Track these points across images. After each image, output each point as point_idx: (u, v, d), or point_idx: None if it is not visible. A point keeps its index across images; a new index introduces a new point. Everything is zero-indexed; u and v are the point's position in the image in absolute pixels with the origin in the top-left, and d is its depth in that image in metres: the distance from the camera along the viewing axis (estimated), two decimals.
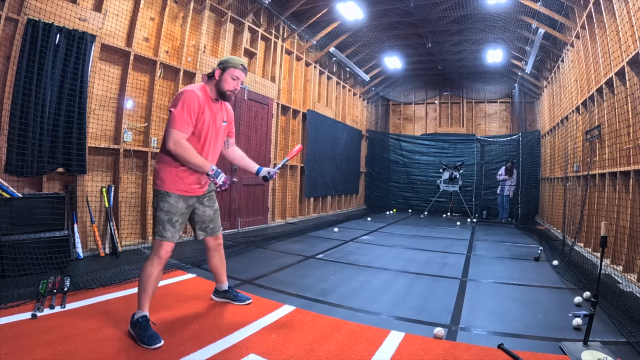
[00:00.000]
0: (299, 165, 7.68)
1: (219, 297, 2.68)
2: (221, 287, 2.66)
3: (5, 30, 3.22)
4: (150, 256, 2.12)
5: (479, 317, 2.57)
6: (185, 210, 2.23)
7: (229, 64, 2.22)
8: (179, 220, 2.18)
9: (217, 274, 2.63)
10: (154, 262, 2.09)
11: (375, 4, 6.58)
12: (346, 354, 1.95)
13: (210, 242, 2.51)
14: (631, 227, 3.45)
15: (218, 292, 2.68)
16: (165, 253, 2.12)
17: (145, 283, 2.07)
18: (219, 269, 2.61)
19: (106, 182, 4.13)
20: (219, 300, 2.66)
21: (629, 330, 2.27)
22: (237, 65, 2.22)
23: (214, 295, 2.69)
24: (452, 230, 7.10)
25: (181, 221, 2.20)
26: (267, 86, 6.47)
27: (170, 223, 2.14)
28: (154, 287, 2.10)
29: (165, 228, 2.13)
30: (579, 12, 5.21)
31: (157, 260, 2.10)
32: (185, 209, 2.22)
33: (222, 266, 2.62)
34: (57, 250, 3.18)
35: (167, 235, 2.12)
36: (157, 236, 2.13)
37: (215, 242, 2.52)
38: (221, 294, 2.67)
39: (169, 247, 2.14)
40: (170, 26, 4.77)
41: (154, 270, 2.08)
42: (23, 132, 3.24)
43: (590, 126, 4.93)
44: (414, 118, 11.75)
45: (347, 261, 4.16)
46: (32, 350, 1.79)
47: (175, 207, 2.16)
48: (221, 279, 2.64)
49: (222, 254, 2.61)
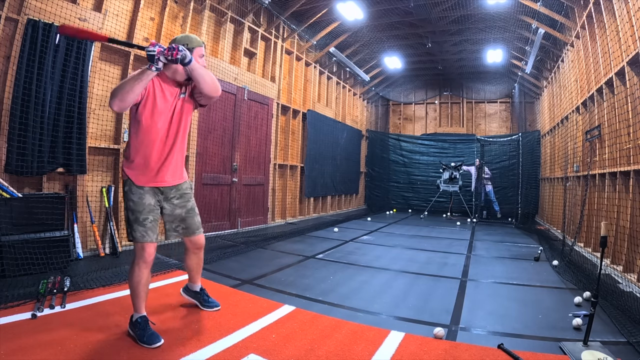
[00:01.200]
0: (299, 165, 7.68)
1: (188, 295, 2.54)
2: (193, 286, 2.53)
3: (5, 30, 3.22)
4: (135, 260, 2.04)
5: (479, 317, 2.57)
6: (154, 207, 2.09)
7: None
8: (148, 218, 2.05)
9: (191, 275, 2.49)
10: (141, 266, 2.03)
11: (375, 4, 6.57)
12: (346, 354, 1.95)
13: (187, 244, 2.33)
14: (631, 227, 3.45)
15: (189, 291, 2.54)
16: (148, 255, 2.04)
17: (136, 288, 2.03)
18: (194, 271, 2.46)
19: (106, 182, 4.13)
20: (187, 299, 2.53)
21: (629, 330, 2.27)
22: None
23: (183, 291, 2.56)
24: (452, 230, 7.10)
25: (151, 219, 2.06)
26: (267, 86, 6.47)
27: (137, 222, 2.03)
28: (146, 289, 2.07)
29: (134, 229, 2.03)
30: (579, 12, 5.20)
31: (142, 264, 2.03)
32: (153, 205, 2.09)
33: (197, 268, 2.46)
34: (57, 250, 3.18)
35: (137, 237, 2.03)
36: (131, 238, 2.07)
37: (192, 245, 2.33)
38: (191, 293, 2.53)
39: (150, 247, 2.05)
40: (170, 26, 4.77)
41: (142, 274, 2.03)
42: (23, 132, 3.24)
43: (590, 126, 4.93)
44: (414, 118, 11.75)
45: (347, 261, 4.16)
46: (32, 350, 1.79)
47: (140, 205, 2.04)
48: (195, 279, 2.50)
49: (200, 257, 2.44)
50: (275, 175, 6.88)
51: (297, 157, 7.64)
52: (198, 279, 2.52)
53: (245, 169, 6.08)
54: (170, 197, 2.16)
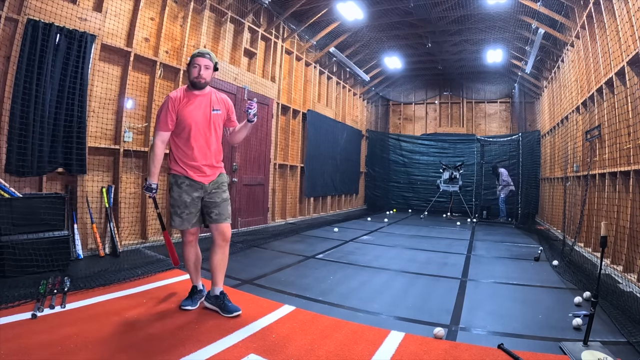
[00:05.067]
0: (299, 165, 7.68)
1: (210, 303, 2.47)
2: (214, 290, 2.47)
3: (5, 30, 3.22)
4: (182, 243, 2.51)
5: (479, 317, 2.57)
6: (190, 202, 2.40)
7: (190, 58, 2.46)
8: (184, 212, 2.41)
9: (214, 273, 2.46)
10: (184, 247, 2.50)
11: (375, 4, 6.57)
12: (346, 354, 1.95)
13: (214, 235, 2.45)
14: (631, 227, 3.45)
15: (209, 298, 2.49)
16: (187, 238, 2.47)
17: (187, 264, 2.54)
18: (217, 269, 2.45)
19: (106, 182, 4.13)
20: (210, 307, 2.46)
21: (629, 330, 2.27)
22: (194, 56, 2.43)
23: (205, 300, 2.52)
24: (452, 230, 7.10)
25: (187, 212, 2.41)
26: (267, 86, 6.47)
27: (176, 215, 2.42)
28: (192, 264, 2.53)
29: (172, 218, 2.45)
30: (579, 12, 5.20)
31: (184, 245, 2.50)
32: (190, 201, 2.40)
33: (221, 266, 2.47)
34: (57, 250, 3.18)
35: (175, 225, 2.43)
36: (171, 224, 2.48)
37: (218, 236, 2.44)
38: (212, 299, 2.46)
39: (186, 233, 2.46)
40: (170, 26, 4.77)
41: (186, 253, 2.50)
42: (23, 132, 3.24)
43: (590, 126, 4.93)
44: (414, 118, 11.75)
45: (347, 261, 4.16)
46: (32, 350, 1.79)
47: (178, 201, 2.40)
48: (217, 279, 2.46)
49: (225, 253, 2.49)
50: (275, 175, 6.88)
51: (297, 157, 7.64)
52: (221, 280, 2.49)
53: (245, 169, 6.08)
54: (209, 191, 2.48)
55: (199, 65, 2.39)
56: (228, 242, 2.49)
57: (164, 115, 2.37)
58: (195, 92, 2.43)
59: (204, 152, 2.42)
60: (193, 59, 2.42)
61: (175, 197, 2.41)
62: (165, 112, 2.37)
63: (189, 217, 2.41)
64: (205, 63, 2.40)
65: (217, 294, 2.45)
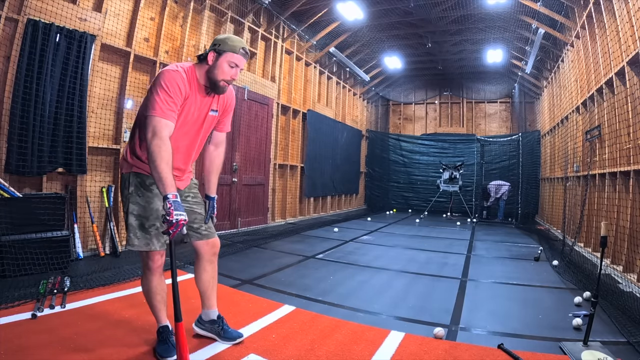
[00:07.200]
0: (298, 166, 7.68)
1: (203, 330, 2.02)
2: (209, 314, 2.01)
3: (5, 30, 3.22)
4: (142, 270, 1.87)
5: (479, 317, 2.57)
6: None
7: (227, 46, 1.74)
8: (154, 225, 1.77)
9: (206, 295, 2.00)
10: (146, 275, 1.84)
11: (375, 4, 6.57)
12: (346, 354, 1.95)
13: (204, 249, 1.95)
14: (631, 227, 3.45)
15: (202, 323, 2.03)
16: (154, 263, 1.81)
17: (150, 300, 1.87)
18: (209, 288, 1.99)
19: (106, 182, 4.13)
20: (203, 333, 2.03)
21: (629, 330, 2.27)
22: (236, 49, 1.75)
23: (196, 326, 2.05)
24: (452, 230, 7.11)
25: (158, 225, 1.77)
26: (267, 86, 6.47)
27: (141, 229, 1.76)
28: (160, 297, 1.87)
29: (131, 236, 1.76)
30: (579, 12, 5.20)
31: (147, 272, 1.83)
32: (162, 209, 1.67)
33: (213, 284, 2.00)
34: (57, 250, 3.18)
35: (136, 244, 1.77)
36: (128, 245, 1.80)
37: (209, 250, 1.97)
38: (207, 325, 2.01)
39: (153, 256, 1.80)
40: (170, 26, 4.77)
41: (153, 285, 1.84)
42: (23, 132, 3.24)
43: (590, 126, 4.93)
44: (414, 118, 11.75)
45: (347, 261, 4.16)
46: (32, 350, 1.79)
47: (147, 209, 1.77)
48: (210, 302, 2.00)
49: (216, 269, 2.02)
50: (275, 175, 6.88)
51: (297, 157, 7.64)
52: (214, 300, 2.02)
53: (246, 169, 6.08)
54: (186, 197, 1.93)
55: (237, 67, 1.79)
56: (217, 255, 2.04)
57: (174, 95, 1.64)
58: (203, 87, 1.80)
59: (185, 156, 1.85)
60: (233, 55, 1.75)
61: (141, 203, 1.77)
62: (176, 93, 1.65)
63: (158, 233, 1.77)
64: (243, 65, 1.83)
65: (213, 318, 2.01)
